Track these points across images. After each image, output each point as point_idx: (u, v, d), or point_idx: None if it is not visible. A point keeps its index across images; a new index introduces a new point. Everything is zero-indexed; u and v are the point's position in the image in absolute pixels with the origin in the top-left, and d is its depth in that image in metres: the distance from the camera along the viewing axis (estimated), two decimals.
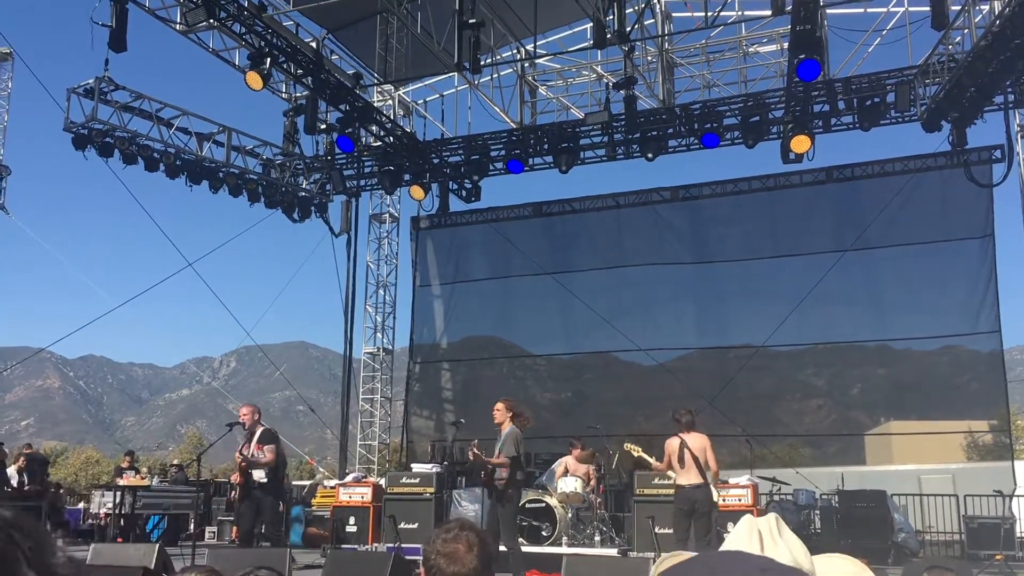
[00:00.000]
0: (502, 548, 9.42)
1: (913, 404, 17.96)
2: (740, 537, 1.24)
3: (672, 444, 9.40)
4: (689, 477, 9.25)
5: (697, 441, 9.35)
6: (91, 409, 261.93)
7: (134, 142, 15.59)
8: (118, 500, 15.10)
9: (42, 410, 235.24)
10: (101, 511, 16.01)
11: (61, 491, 20.38)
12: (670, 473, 9.67)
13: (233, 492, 10.08)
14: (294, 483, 20.43)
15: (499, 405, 9.55)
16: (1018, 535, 13.52)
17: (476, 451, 9.26)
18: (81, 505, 17.88)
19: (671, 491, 9.93)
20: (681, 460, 9.24)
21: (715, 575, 1.05)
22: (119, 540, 14.12)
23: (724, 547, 1.22)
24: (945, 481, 15.95)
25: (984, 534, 13.35)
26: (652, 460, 10.36)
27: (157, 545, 8.66)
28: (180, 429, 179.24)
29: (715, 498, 9.53)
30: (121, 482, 15.64)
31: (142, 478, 16.14)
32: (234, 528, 10.65)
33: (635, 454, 10.83)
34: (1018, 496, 14.05)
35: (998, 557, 11.48)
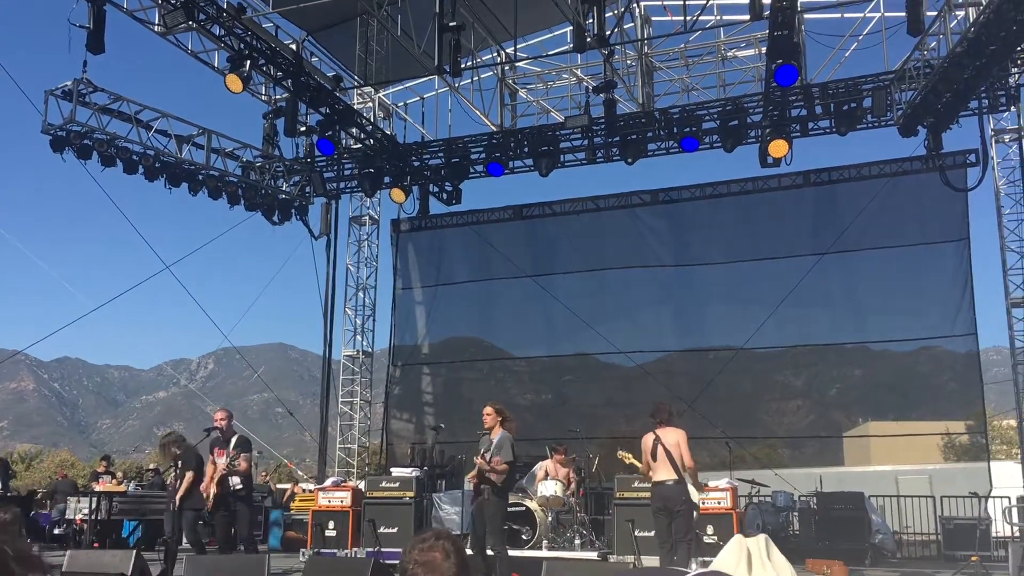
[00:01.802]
0: (488, 552, 9.44)
1: (891, 405, 18.12)
2: (730, 557, 1.26)
3: (646, 440, 9.10)
4: (660, 473, 8.92)
5: (671, 436, 8.97)
6: (66, 412, 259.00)
7: (113, 144, 15.45)
8: (94, 506, 14.97)
9: (16, 413, 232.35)
10: (77, 516, 15.86)
11: (38, 495, 20.18)
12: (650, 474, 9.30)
13: (207, 500, 9.96)
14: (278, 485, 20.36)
15: (488, 409, 9.50)
16: (994, 536, 13.68)
17: (483, 460, 9.23)
18: (53, 512, 17.67)
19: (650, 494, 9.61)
20: (654, 455, 8.94)
21: None
22: (95, 546, 14.02)
23: (712, 567, 1.24)
24: (922, 482, 16.12)
25: (960, 535, 13.50)
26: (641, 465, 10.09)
27: (134, 551, 8.59)
28: (157, 432, 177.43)
29: (694, 497, 9.13)
30: (97, 487, 15.51)
31: (117, 483, 16.01)
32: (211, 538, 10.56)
33: (627, 461, 10.67)
34: (994, 497, 14.21)
35: (974, 558, 11.60)
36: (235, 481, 10.04)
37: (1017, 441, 16.99)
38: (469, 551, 9.03)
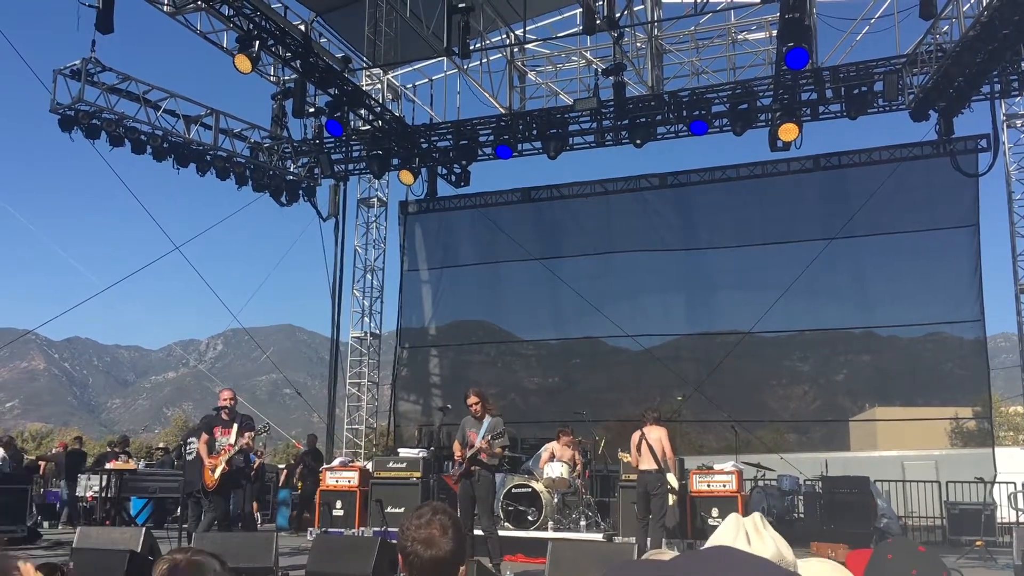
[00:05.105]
0: (479, 532, 9.57)
1: (898, 391, 18.11)
2: (727, 533, 1.28)
3: (634, 437, 11.00)
4: (645, 463, 10.74)
5: (654, 433, 10.85)
6: (76, 391, 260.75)
7: (121, 124, 15.45)
8: (104, 483, 15.11)
9: (27, 392, 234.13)
10: (88, 494, 16.01)
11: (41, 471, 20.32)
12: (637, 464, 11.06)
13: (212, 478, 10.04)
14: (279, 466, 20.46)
15: (474, 399, 9.95)
16: (999, 521, 13.69)
17: (486, 442, 9.52)
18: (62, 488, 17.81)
19: None
20: (639, 449, 10.83)
21: (706, 567, 1.08)
22: (106, 523, 14.14)
23: (710, 542, 1.26)
24: (928, 467, 16.11)
25: (965, 520, 13.52)
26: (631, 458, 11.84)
27: (144, 529, 8.68)
28: (166, 412, 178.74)
29: (672, 483, 11.06)
30: (108, 465, 15.66)
31: (125, 462, 16.16)
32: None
33: (625, 460, 12.29)
34: (999, 482, 14.21)
35: (979, 543, 11.63)
36: (240, 460, 10.16)
37: (1023, 427, 16.95)
38: None
